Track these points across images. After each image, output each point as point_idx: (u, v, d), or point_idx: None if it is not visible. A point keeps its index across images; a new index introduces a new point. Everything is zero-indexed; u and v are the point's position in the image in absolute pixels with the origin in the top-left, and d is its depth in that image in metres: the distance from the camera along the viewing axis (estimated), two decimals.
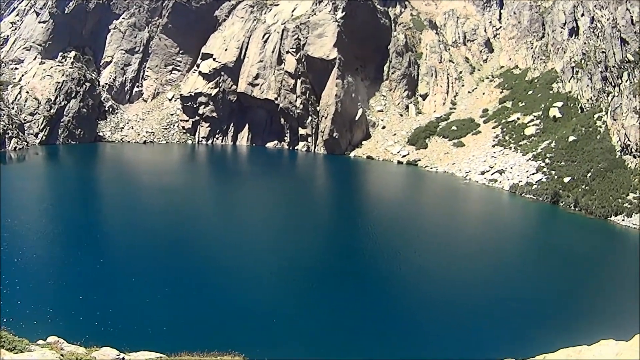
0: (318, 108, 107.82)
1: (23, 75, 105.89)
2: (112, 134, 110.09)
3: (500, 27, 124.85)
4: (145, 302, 37.35)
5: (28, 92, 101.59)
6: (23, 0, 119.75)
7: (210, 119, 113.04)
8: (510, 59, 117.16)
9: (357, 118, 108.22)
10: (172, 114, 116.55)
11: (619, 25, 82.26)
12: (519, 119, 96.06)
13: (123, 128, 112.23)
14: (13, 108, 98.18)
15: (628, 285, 43.45)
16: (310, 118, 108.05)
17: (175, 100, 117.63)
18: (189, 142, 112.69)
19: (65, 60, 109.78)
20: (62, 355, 14.91)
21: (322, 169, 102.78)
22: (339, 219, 67.17)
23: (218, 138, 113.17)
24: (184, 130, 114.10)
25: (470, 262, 50.58)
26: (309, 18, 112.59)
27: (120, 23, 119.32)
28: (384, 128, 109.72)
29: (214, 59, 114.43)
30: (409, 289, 43.99)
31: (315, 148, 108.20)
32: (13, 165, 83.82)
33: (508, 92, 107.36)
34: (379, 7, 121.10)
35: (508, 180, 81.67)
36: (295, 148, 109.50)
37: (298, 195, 78.42)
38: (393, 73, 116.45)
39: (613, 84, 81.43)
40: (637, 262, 48.78)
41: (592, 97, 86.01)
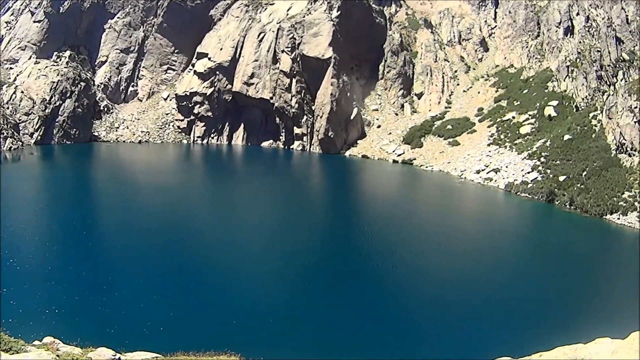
0: (313, 107, 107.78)
1: (18, 75, 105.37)
2: (107, 134, 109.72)
3: (496, 26, 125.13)
4: (142, 302, 37.27)
5: (23, 91, 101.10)
6: (18, 0, 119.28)
7: (206, 119, 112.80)
8: (506, 58, 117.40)
9: (352, 117, 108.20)
10: (167, 114, 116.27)
11: (614, 24, 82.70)
12: (514, 118, 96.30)
13: (118, 128, 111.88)
14: (8, 108, 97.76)
15: (624, 284, 43.70)
16: (306, 117, 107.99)
17: (171, 100, 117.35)
18: (184, 141, 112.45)
19: (60, 60, 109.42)
20: (58, 356, 14.89)
21: (317, 168, 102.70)
22: (334, 218, 67.15)
23: (213, 137, 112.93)
24: (179, 130, 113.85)
25: (466, 260, 50.65)
26: (304, 17, 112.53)
27: (115, 22, 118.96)
28: (379, 127, 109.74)
29: (209, 59, 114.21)
30: (405, 288, 44.06)
31: (311, 147, 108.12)
32: (8, 166, 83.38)
33: (503, 91, 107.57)
34: (374, 6, 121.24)
35: (503, 179, 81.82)
36: (291, 147, 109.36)
37: (293, 195, 78.39)
38: (388, 72, 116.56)
39: (608, 83, 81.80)
40: (632, 260, 49.03)
41: (587, 96, 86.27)
